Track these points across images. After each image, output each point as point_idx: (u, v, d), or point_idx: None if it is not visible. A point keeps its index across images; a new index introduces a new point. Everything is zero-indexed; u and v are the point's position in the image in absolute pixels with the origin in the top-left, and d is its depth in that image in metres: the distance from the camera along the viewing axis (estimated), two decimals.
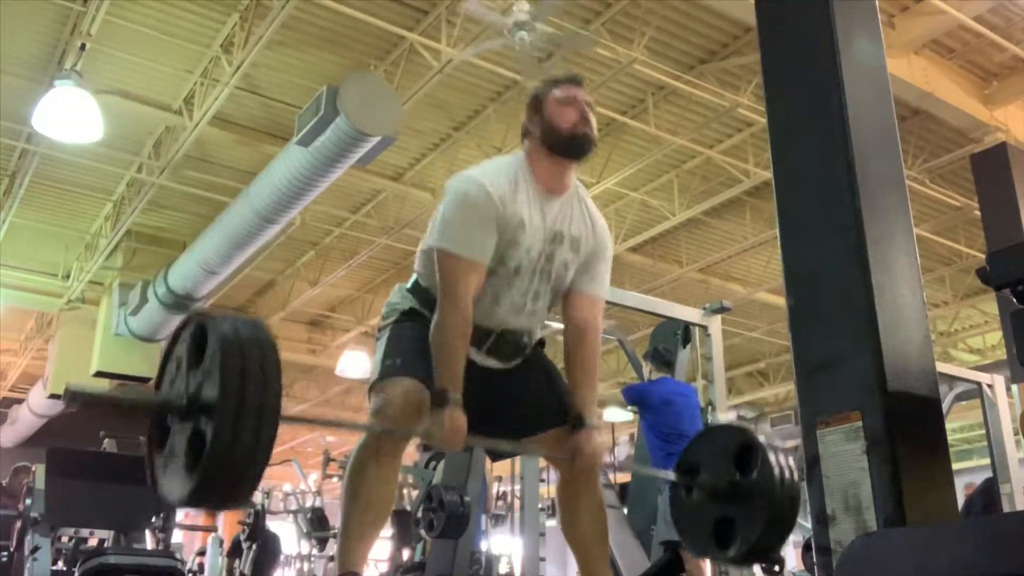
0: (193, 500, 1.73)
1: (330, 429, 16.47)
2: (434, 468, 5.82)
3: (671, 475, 2.51)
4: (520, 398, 2.39)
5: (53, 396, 10.87)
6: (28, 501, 5.52)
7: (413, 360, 2.25)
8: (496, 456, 2.73)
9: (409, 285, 2.47)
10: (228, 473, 1.70)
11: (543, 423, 2.38)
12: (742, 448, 2.36)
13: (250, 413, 1.69)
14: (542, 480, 5.14)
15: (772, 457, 2.30)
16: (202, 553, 9.51)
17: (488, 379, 2.33)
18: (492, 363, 2.35)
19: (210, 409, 1.69)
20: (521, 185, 2.29)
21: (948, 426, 2.90)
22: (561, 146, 2.29)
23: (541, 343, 2.50)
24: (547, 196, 2.31)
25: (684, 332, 5.90)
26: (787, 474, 2.30)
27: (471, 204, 2.23)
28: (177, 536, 9.91)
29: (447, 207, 2.28)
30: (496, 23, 5.82)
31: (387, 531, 6.30)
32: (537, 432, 2.38)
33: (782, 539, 2.35)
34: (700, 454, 2.48)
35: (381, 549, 7.93)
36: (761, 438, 2.38)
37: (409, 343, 2.30)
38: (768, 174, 3.46)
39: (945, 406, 4.73)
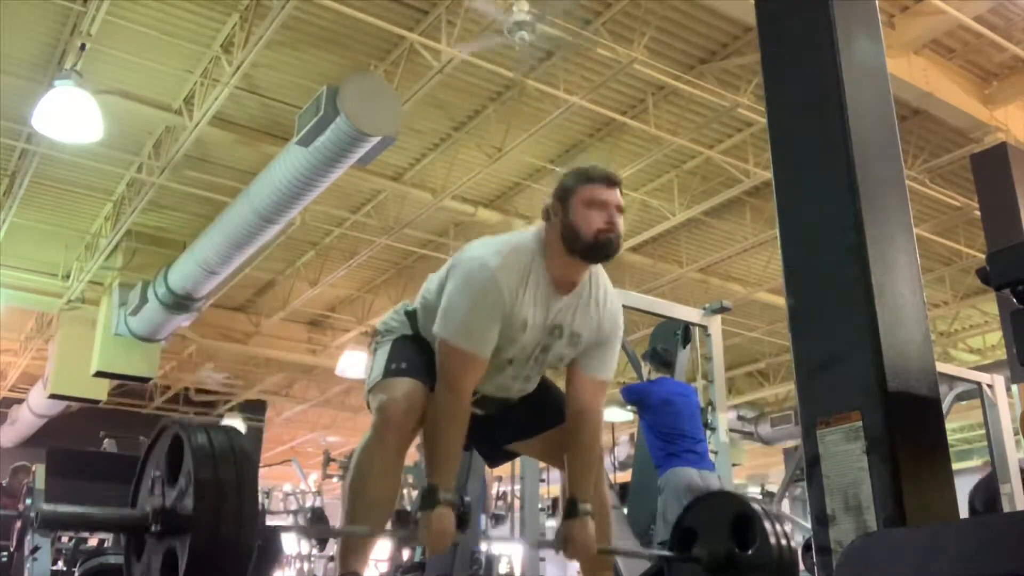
0: None
1: (325, 410, 16.46)
2: None
3: (669, 554, 2.48)
4: (518, 403, 2.39)
5: (53, 396, 10.87)
6: (28, 501, 5.52)
7: (416, 365, 2.26)
8: (494, 462, 2.72)
9: (410, 308, 2.46)
10: None
11: (541, 425, 2.38)
12: (740, 519, 2.35)
13: (228, 528, 1.65)
14: (542, 480, 5.14)
15: (770, 528, 2.28)
16: None
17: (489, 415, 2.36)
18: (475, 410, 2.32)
19: (184, 531, 1.66)
20: (532, 279, 2.21)
21: (948, 426, 2.90)
22: (581, 251, 2.22)
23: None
24: (555, 292, 2.24)
25: (684, 332, 5.90)
26: (785, 545, 2.28)
27: (481, 297, 2.16)
28: None
29: (456, 291, 2.21)
30: (499, 19, 5.81)
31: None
32: (535, 435, 2.39)
33: None
34: (697, 521, 2.46)
35: (381, 549, 7.93)
36: (757, 507, 2.37)
37: (412, 351, 2.32)
38: (768, 174, 3.46)
39: (945, 406, 4.73)
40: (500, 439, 2.50)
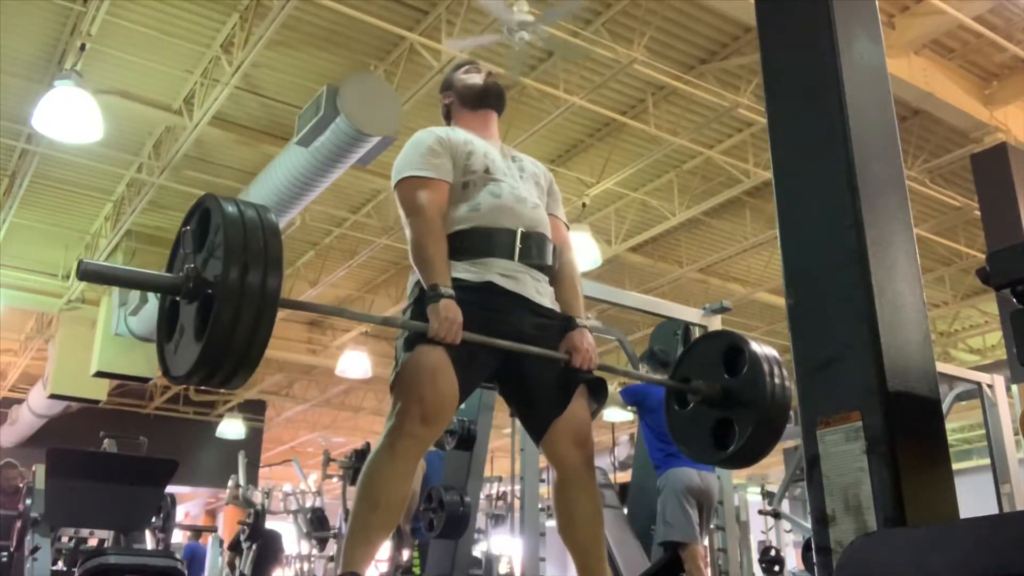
0: (196, 371, 1.82)
1: (325, 410, 16.45)
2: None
3: (663, 379, 2.67)
4: (544, 370, 2.38)
5: (53, 396, 10.88)
6: (28, 501, 5.52)
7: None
8: (499, 381, 2.60)
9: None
10: (230, 349, 1.78)
11: (565, 396, 2.39)
12: (731, 351, 2.50)
13: (252, 295, 1.78)
14: (542, 480, 5.13)
15: (760, 353, 2.45)
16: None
17: (516, 327, 2.32)
18: (526, 279, 2.38)
19: (214, 288, 1.79)
20: (458, 130, 2.57)
21: (948, 426, 2.91)
22: (477, 98, 2.62)
23: (565, 323, 2.46)
24: (482, 138, 2.56)
25: (684, 332, 5.89)
26: (776, 371, 2.45)
27: (415, 143, 2.47)
28: (177, 536, 9.93)
29: (399, 156, 2.48)
30: (503, 18, 5.80)
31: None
32: (560, 409, 2.38)
33: (778, 434, 2.50)
34: (691, 365, 2.60)
35: (382, 550, 7.93)
36: (747, 340, 2.51)
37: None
38: (768, 174, 3.46)
39: (945, 406, 4.74)
40: (541, 413, 2.45)
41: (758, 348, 2.49)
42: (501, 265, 2.36)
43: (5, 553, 6.11)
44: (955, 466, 2.51)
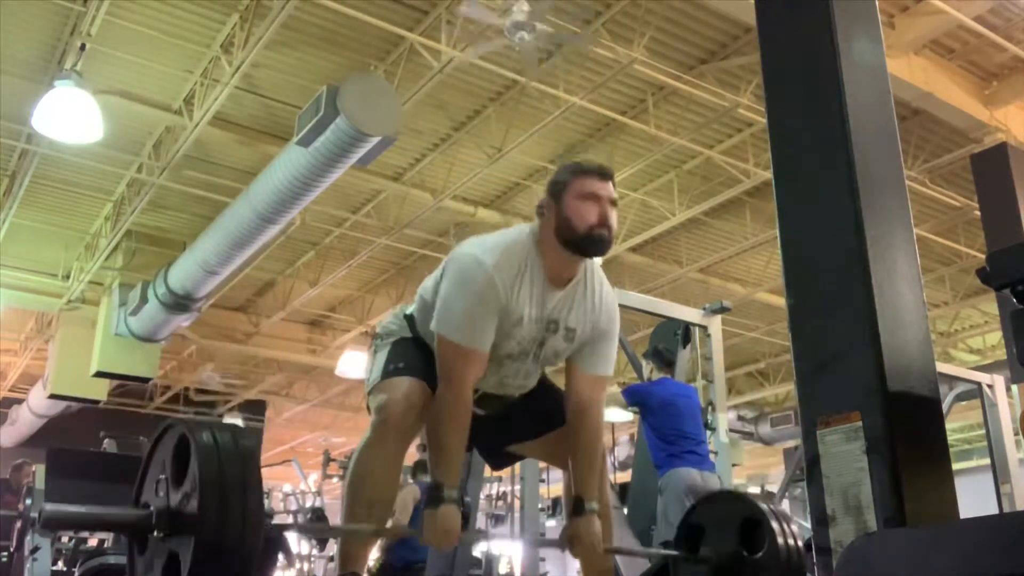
0: None
1: (325, 410, 16.45)
2: None
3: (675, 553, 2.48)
4: (519, 405, 2.39)
5: (53, 396, 10.87)
6: (28, 501, 5.52)
7: (415, 364, 2.26)
8: (497, 464, 2.71)
9: (408, 311, 2.46)
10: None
11: (543, 427, 2.38)
12: (749, 521, 2.35)
13: (233, 530, 1.65)
14: (542, 480, 5.13)
15: (778, 529, 2.29)
16: None
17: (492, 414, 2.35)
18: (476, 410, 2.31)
19: (192, 528, 1.65)
20: (527, 275, 2.21)
21: (948, 426, 2.90)
22: (574, 245, 2.20)
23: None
24: (551, 287, 2.24)
25: (684, 332, 5.89)
26: (793, 547, 2.28)
27: (477, 293, 2.15)
28: None
29: (452, 286, 2.20)
30: (495, 24, 5.82)
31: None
32: (537, 437, 2.39)
33: None
34: (704, 519, 2.46)
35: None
36: (765, 508, 2.36)
37: (411, 352, 2.32)
38: (768, 174, 3.46)
39: (945, 406, 4.73)
40: (503, 441, 2.50)
41: (776, 516, 2.34)
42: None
43: (5, 553, 6.11)
44: (955, 466, 2.51)
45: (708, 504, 2.57)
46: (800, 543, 2.32)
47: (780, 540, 2.28)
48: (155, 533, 1.74)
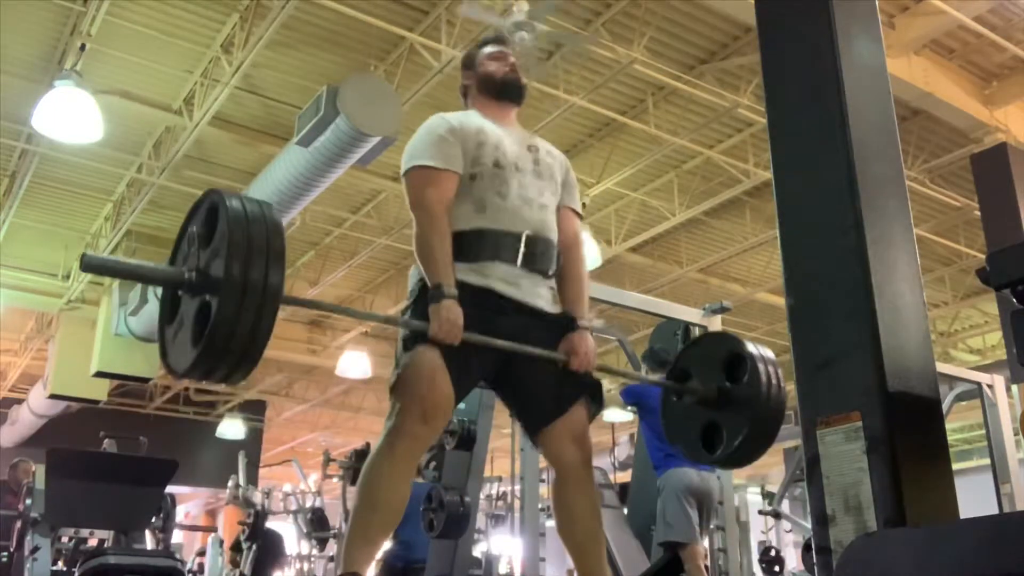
0: (197, 367, 1.82)
1: (325, 410, 16.44)
2: (433, 468, 5.82)
3: (661, 379, 2.69)
4: (541, 375, 2.38)
5: (53, 396, 10.87)
6: (28, 501, 5.53)
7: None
8: (496, 385, 2.59)
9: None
10: (231, 346, 1.79)
11: (562, 403, 2.38)
12: (732, 356, 2.50)
13: (253, 290, 1.78)
14: (542, 480, 5.12)
15: (761, 367, 2.44)
16: (202, 553, 9.52)
17: (513, 332, 2.29)
18: (527, 284, 2.37)
19: (216, 285, 1.78)
20: (473, 115, 2.54)
21: (948, 426, 2.91)
22: (497, 90, 2.57)
23: (567, 323, 2.45)
24: (499, 125, 2.52)
25: (684, 332, 5.89)
26: (775, 383, 2.45)
27: (429, 130, 2.44)
28: (177, 536, 9.93)
29: (409, 144, 2.46)
30: (494, 25, 5.82)
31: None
32: (557, 413, 2.38)
33: (766, 445, 2.52)
34: (691, 361, 2.62)
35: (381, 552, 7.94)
36: (751, 347, 2.50)
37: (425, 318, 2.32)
38: (768, 174, 3.46)
39: (945, 406, 4.73)
40: (536, 416, 2.45)
41: (758, 353, 2.50)
42: (503, 271, 2.35)
43: (5, 553, 6.11)
44: (955, 466, 2.51)
45: (694, 346, 2.76)
46: (780, 375, 2.48)
47: (760, 368, 2.44)
48: (187, 284, 1.88)
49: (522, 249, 2.36)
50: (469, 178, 2.38)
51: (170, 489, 6.32)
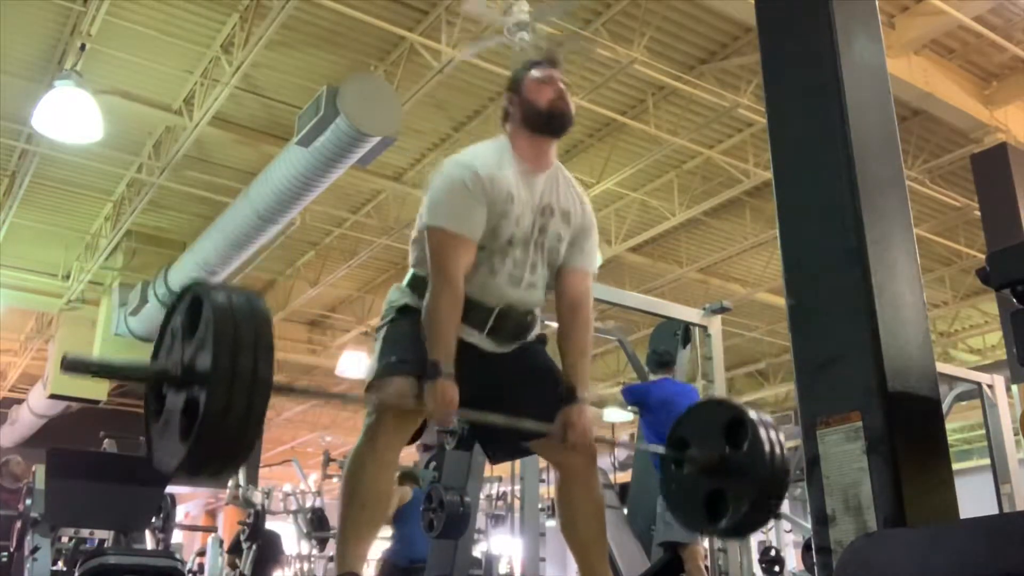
0: (186, 468, 1.75)
1: (325, 410, 16.46)
2: (433, 468, 5.83)
3: (661, 449, 2.55)
4: (521, 391, 2.38)
5: (53, 396, 10.87)
6: (28, 501, 5.52)
7: (409, 358, 2.26)
8: (495, 457, 2.71)
9: (405, 281, 2.48)
10: (220, 441, 1.73)
11: (544, 416, 2.38)
12: (732, 422, 2.40)
13: (243, 382, 1.72)
14: (542, 480, 5.13)
15: (763, 433, 2.34)
16: (202, 553, 9.52)
17: (489, 368, 2.32)
18: (492, 346, 2.36)
19: (203, 378, 1.72)
20: (506, 162, 2.34)
21: (948, 426, 2.91)
22: (541, 123, 2.36)
23: (542, 340, 2.49)
24: (532, 173, 2.37)
25: (684, 332, 5.89)
26: (777, 449, 2.33)
27: (460, 181, 2.27)
28: (177, 536, 9.92)
29: (436, 188, 2.33)
30: (496, 23, 5.82)
31: (387, 531, 6.32)
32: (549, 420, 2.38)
33: (771, 513, 2.40)
34: (690, 428, 2.51)
35: (376, 550, 7.95)
36: (752, 414, 2.41)
37: (405, 340, 2.31)
38: (768, 174, 3.46)
39: (945, 406, 4.73)
40: (510, 434, 2.46)
41: (759, 418, 2.40)
42: (474, 335, 2.34)
43: (5, 553, 6.11)
44: (955, 466, 2.51)
45: (691, 413, 2.60)
46: (783, 441, 2.37)
47: (762, 433, 2.32)
48: (172, 381, 1.81)
49: (490, 322, 2.34)
50: (479, 247, 2.30)
51: (170, 489, 6.32)
